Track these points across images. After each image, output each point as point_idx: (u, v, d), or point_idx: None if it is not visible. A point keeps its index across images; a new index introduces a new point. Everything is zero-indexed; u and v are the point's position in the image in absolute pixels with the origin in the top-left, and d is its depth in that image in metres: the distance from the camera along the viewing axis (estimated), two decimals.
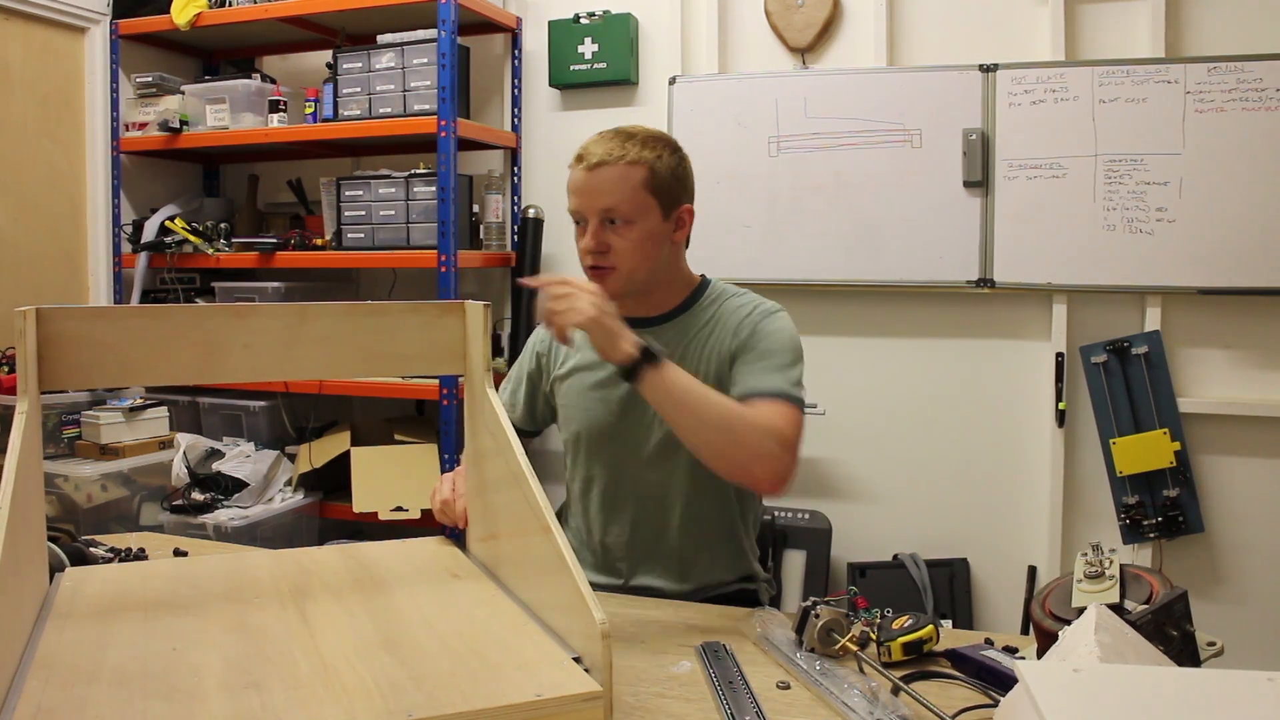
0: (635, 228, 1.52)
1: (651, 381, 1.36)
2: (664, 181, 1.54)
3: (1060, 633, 1.08)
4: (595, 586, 1.02)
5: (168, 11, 3.19)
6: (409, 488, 2.93)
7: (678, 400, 1.37)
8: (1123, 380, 2.69)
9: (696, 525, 1.62)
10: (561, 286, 1.36)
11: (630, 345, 1.35)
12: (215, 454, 3.04)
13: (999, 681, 1.13)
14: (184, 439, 3.03)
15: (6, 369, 2.80)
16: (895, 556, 2.88)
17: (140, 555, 1.66)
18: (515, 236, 3.24)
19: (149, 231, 3.21)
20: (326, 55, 3.19)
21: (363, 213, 3.04)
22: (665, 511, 1.61)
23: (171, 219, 3.21)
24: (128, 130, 3.30)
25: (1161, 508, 2.66)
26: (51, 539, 1.42)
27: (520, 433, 1.65)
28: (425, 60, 2.93)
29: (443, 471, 2.91)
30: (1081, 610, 1.10)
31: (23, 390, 1.11)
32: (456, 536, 1.49)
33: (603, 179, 1.50)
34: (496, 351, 3.16)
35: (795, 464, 1.43)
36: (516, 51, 3.29)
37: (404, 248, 2.99)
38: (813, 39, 2.94)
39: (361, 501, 2.94)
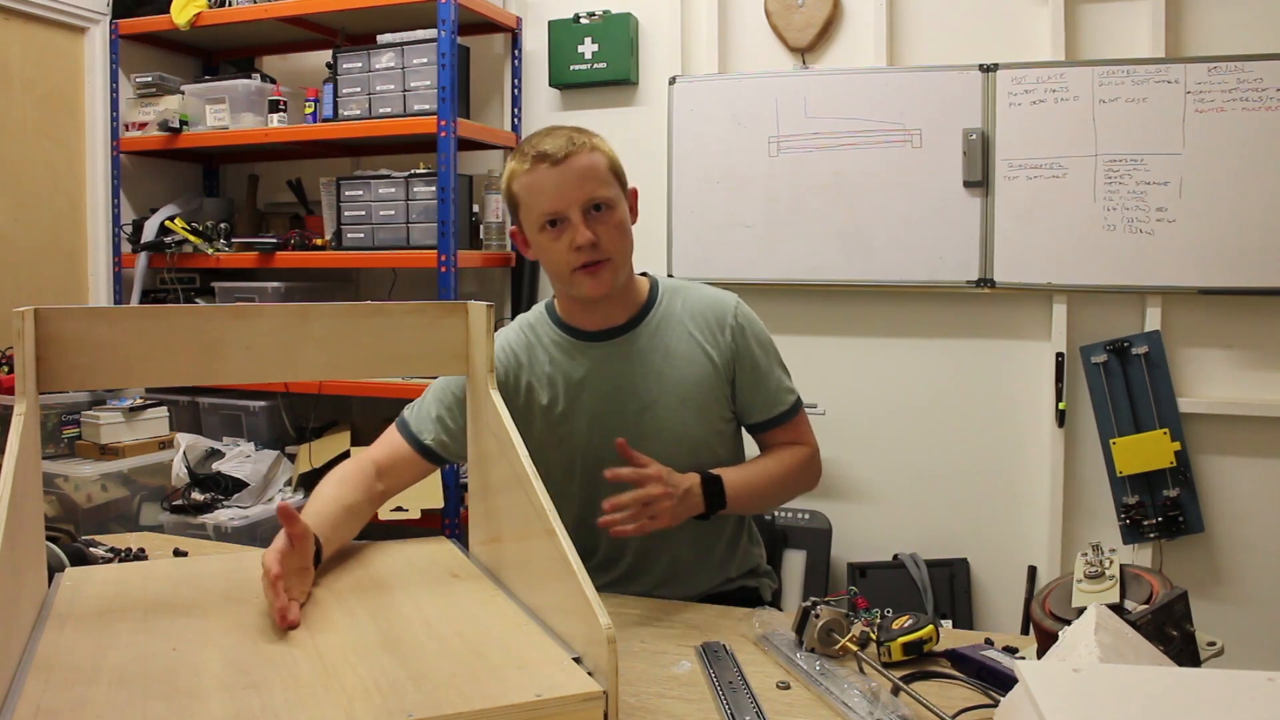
0: (615, 213, 1.49)
1: (728, 506, 1.51)
2: (616, 166, 1.52)
3: (1060, 633, 1.08)
4: (599, 589, 1.02)
5: (168, 11, 3.19)
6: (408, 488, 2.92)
7: (746, 503, 1.56)
8: (1123, 380, 2.69)
9: (705, 525, 1.59)
10: (649, 497, 1.40)
11: (698, 499, 1.47)
12: (215, 454, 3.04)
13: (999, 681, 1.13)
14: (184, 439, 3.03)
15: (6, 369, 2.80)
16: (895, 556, 2.89)
17: (140, 555, 1.66)
18: None
19: (149, 231, 3.21)
20: (326, 55, 3.18)
21: (363, 213, 3.04)
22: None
23: (171, 219, 3.21)
24: (128, 130, 3.30)
25: (1161, 508, 2.66)
26: (51, 539, 1.42)
27: (434, 456, 1.55)
28: (425, 60, 2.93)
29: (442, 473, 2.90)
30: (1081, 610, 1.10)
31: (21, 391, 1.11)
32: (458, 537, 1.49)
33: (578, 169, 1.45)
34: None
35: (819, 455, 1.68)
36: (516, 51, 3.29)
37: (404, 248, 2.99)
38: (813, 39, 2.94)
39: None
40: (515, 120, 3.30)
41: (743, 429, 1.67)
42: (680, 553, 1.60)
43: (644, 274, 1.65)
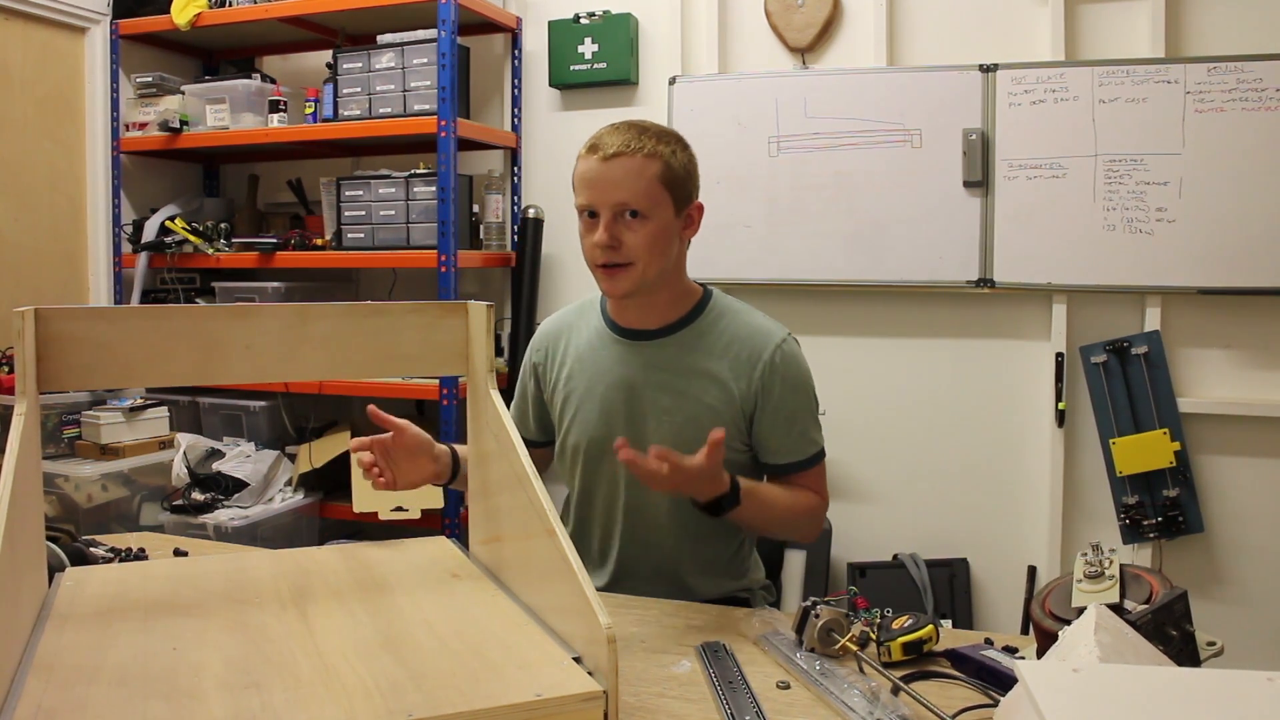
0: (650, 223, 1.48)
1: (735, 515, 1.44)
2: (678, 177, 1.51)
3: (1060, 633, 1.08)
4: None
5: (168, 11, 3.19)
6: None
7: (753, 510, 1.47)
8: (1123, 380, 2.69)
9: (694, 539, 1.58)
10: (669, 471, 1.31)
11: (721, 486, 1.39)
12: (215, 454, 3.04)
13: (999, 681, 1.13)
14: (184, 439, 3.03)
15: (7, 369, 2.80)
16: (895, 556, 2.88)
17: (140, 555, 1.66)
18: (515, 236, 3.24)
19: (149, 231, 3.22)
20: (326, 55, 3.19)
21: (363, 213, 3.04)
22: (662, 526, 1.58)
23: (171, 219, 3.21)
24: (128, 130, 3.30)
25: (1161, 508, 2.66)
26: (51, 539, 1.42)
27: (535, 445, 1.67)
28: (425, 60, 2.93)
29: None
30: (1081, 610, 1.10)
31: (21, 391, 1.11)
32: (458, 537, 1.49)
33: (619, 171, 1.46)
34: (496, 352, 3.16)
35: (826, 509, 1.62)
36: (516, 51, 3.29)
37: (404, 248, 2.99)
38: (813, 39, 2.94)
39: (361, 501, 2.93)
40: (515, 120, 3.30)
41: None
42: (667, 554, 1.59)
43: (704, 287, 1.64)
